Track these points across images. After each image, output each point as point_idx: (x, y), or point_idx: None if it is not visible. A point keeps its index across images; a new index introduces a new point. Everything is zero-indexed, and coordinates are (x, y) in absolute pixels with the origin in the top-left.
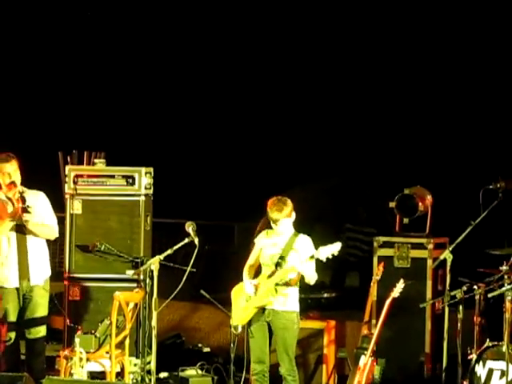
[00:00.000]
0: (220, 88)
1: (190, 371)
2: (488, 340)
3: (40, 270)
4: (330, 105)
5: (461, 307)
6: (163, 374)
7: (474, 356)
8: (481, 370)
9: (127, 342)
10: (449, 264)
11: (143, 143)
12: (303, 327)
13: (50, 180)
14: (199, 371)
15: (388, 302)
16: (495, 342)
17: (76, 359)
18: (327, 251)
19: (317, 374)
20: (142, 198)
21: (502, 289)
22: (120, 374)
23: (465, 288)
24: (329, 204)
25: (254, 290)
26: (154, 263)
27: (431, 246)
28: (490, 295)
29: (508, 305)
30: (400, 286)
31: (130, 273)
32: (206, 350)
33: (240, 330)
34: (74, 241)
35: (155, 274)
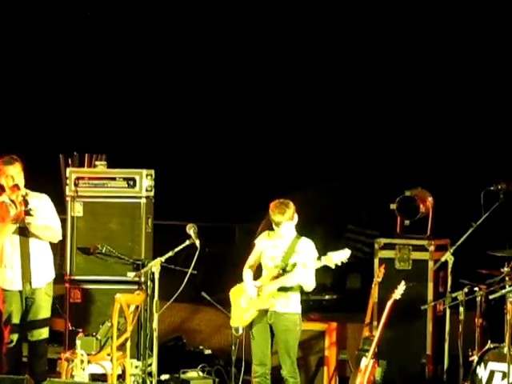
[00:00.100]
0: (221, 90)
1: (191, 373)
2: (489, 342)
3: (42, 272)
4: (331, 107)
5: (462, 309)
6: (164, 376)
7: (475, 358)
8: (482, 372)
9: (128, 344)
10: (450, 266)
11: (144, 145)
12: (304, 329)
13: (50, 182)
14: (200, 373)
15: (389, 303)
16: (497, 344)
17: (77, 361)
18: (336, 258)
19: (318, 376)
20: (143, 200)
21: (504, 290)
22: (121, 377)
23: (466, 290)
24: (329, 205)
25: (256, 292)
26: (155, 265)
27: (432, 248)
28: (491, 297)
29: (509, 306)
30: (401, 288)
31: (131, 275)
32: (207, 352)
33: (241, 331)
34: (75, 243)
35: (156, 276)
